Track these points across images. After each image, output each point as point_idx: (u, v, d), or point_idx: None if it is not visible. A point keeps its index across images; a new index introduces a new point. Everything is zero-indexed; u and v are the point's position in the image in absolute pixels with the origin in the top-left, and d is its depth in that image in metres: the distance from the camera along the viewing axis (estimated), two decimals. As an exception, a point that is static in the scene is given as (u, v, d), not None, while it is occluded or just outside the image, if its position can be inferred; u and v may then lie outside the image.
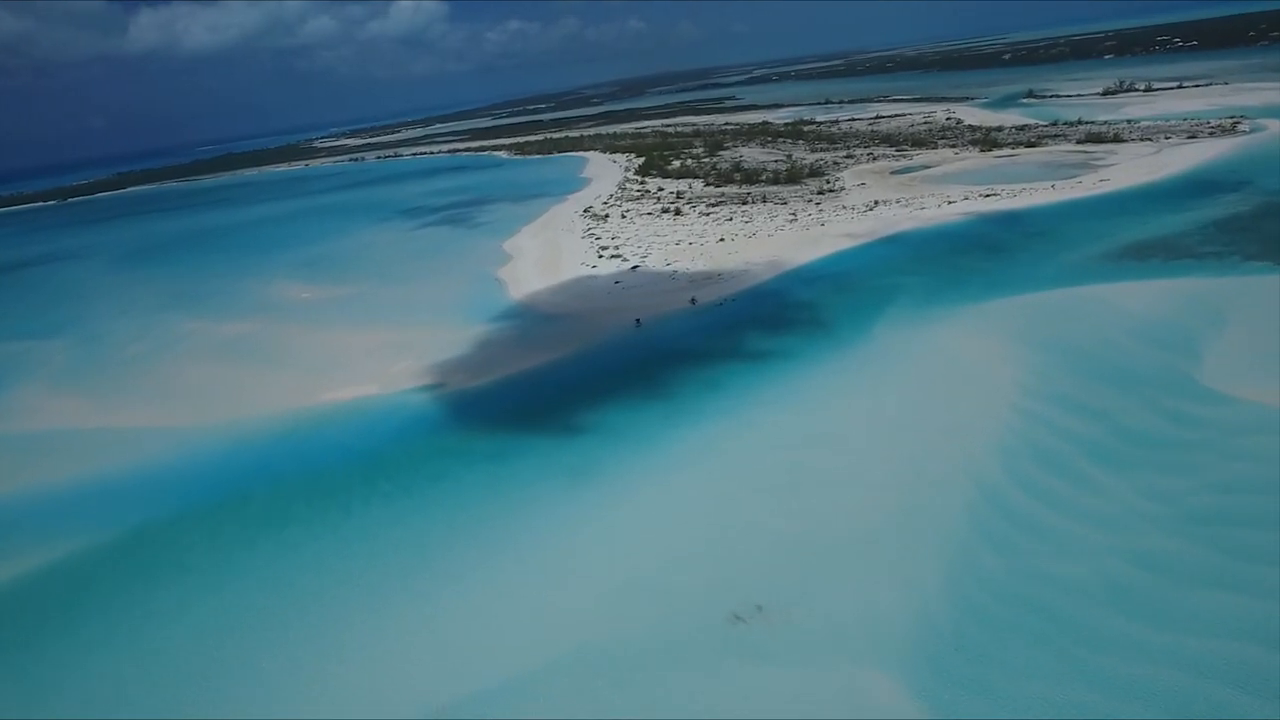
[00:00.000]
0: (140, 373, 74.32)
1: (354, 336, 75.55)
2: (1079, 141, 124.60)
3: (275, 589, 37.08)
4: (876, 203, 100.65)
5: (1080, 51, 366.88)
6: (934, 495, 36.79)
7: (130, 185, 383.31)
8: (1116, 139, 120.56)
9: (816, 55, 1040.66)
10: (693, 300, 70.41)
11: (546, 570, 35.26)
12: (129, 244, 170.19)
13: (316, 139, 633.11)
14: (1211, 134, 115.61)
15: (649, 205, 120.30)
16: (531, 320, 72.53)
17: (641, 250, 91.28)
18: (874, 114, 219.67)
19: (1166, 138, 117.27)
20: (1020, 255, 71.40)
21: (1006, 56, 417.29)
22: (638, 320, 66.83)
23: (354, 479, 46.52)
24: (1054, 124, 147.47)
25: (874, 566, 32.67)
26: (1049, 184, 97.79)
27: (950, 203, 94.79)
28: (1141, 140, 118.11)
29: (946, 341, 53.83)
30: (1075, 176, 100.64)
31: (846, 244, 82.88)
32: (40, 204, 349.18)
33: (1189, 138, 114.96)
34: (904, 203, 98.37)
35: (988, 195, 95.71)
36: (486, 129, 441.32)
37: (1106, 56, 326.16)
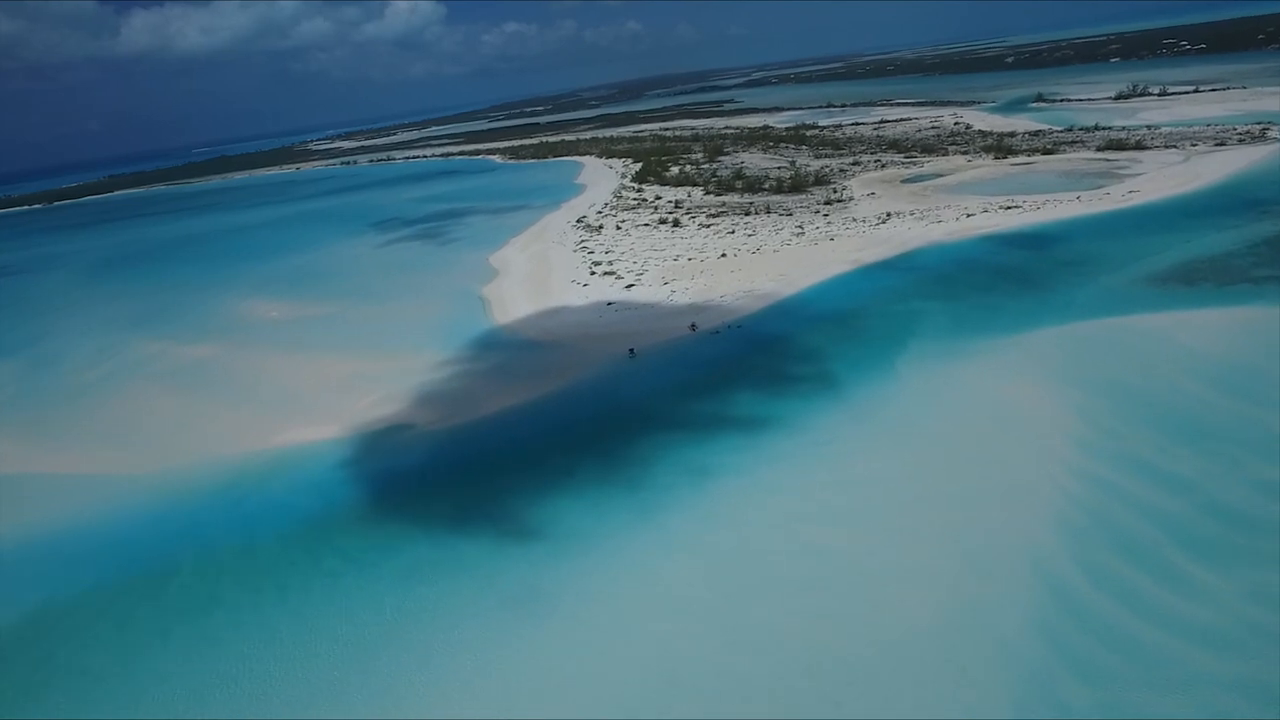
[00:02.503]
0: (85, 405, 67.44)
1: (320, 364, 68.76)
2: (1099, 148, 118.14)
3: (183, 697, 30.33)
4: (889, 215, 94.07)
5: (1085, 55, 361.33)
6: (988, 592, 30.07)
7: (119, 189, 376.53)
8: (1139, 146, 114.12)
9: (814, 58, 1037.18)
10: (692, 326, 63.70)
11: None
12: (105, 252, 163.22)
13: (311, 142, 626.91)
14: (1240, 141, 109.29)
15: (646, 215, 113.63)
16: (515, 348, 65.72)
17: (637, 267, 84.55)
18: (878, 118, 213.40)
19: (1193, 145, 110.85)
20: (1053, 278, 64.70)
21: (1009, 60, 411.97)
22: (631, 350, 60.09)
23: (295, 551, 39.70)
24: (1069, 130, 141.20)
25: (919, 693, 25.96)
26: (1073, 195, 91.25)
27: (969, 215, 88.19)
28: (1166, 147, 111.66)
29: (982, 383, 47.14)
30: (1101, 187, 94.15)
31: (859, 262, 76.16)
32: (26, 207, 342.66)
33: (1217, 145, 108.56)
34: (918, 215, 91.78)
35: (1008, 207, 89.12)
36: (482, 132, 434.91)
37: (1113, 60, 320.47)
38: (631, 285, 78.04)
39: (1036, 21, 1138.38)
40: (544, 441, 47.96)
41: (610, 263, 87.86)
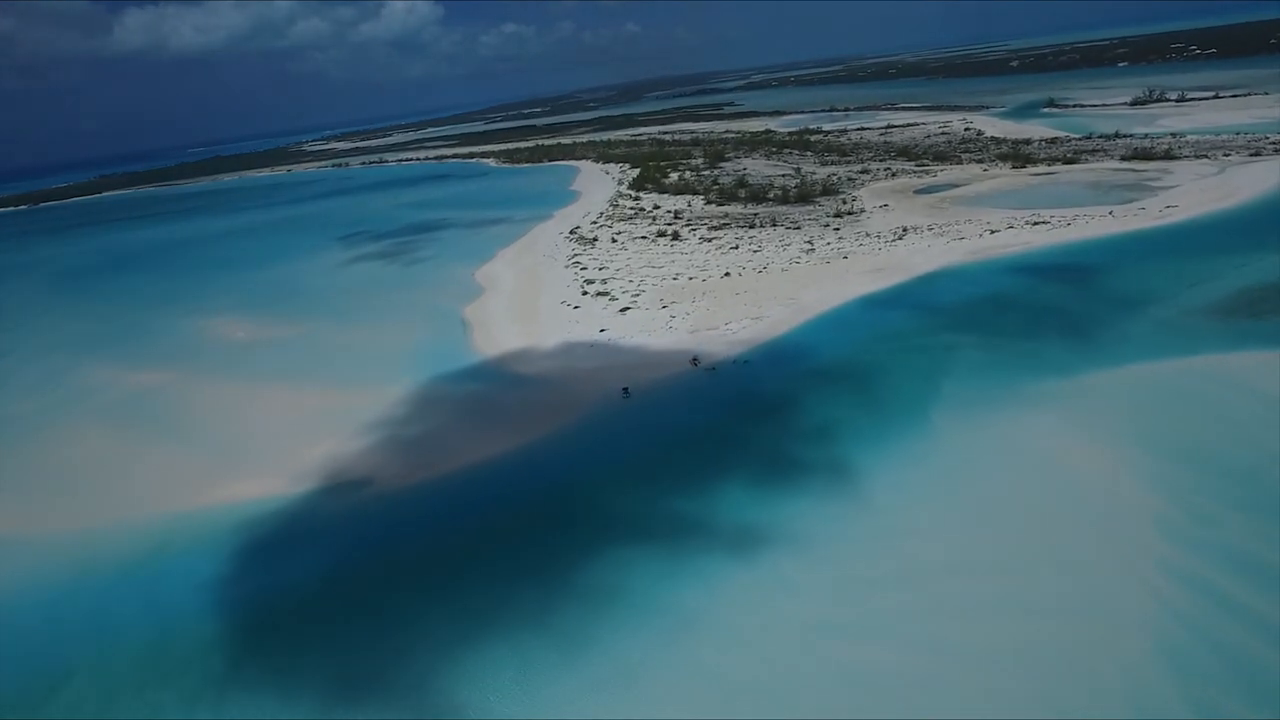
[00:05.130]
0: (13, 444, 60.23)
1: (278, 397, 61.64)
2: (1124, 158, 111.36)
3: None
4: (904, 230, 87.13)
5: (1091, 59, 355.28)
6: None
7: (107, 190, 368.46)
8: (1168, 155, 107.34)
9: (814, 60, 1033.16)
10: (694, 361, 56.61)
11: None
12: (74, 260, 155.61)
13: (307, 142, 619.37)
14: (1277, 150, 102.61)
15: (643, 227, 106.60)
16: (495, 384, 58.54)
17: (633, 287, 77.46)
18: (884, 123, 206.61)
19: (1225, 155, 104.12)
20: (1097, 308, 57.71)
21: (1014, 64, 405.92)
22: (625, 389, 52.97)
23: (213, 654, 32.56)
24: (1088, 137, 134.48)
25: None
26: (1104, 209, 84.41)
27: (993, 231, 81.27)
28: (1197, 157, 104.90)
29: (1035, 447, 40.04)
30: (1134, 200, 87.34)
31: (877, 284, 69.18)
32: (12, 209, 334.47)
33: (1252, 155, 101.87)
34: (937, 230, 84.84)
35: (1036, 223, 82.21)
36: (478, 134, 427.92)
37: (1120, 64, 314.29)
38: (627, 309, 70.94)
39: (1036, 25, 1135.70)
40: (534, 498, 41.23)
41: (604, 281, 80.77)
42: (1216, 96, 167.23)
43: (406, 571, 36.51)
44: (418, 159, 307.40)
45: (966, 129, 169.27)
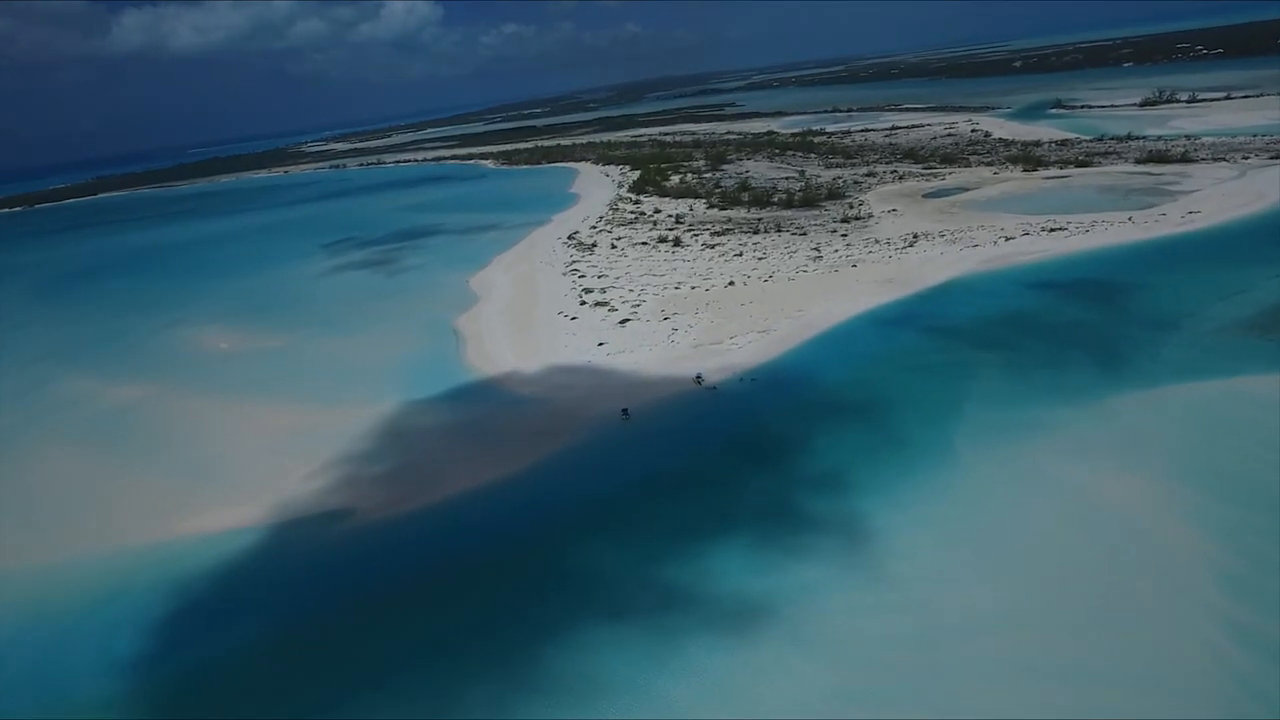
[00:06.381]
0: (-22, 464, 57.03)
1: (259, 415, 58.48)
2: (1139, 160, 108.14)
3: None
4: (915, 236, 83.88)
5: (1095, 59, 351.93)
6: None
7: (103, 192, 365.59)
8: (1185, 158, 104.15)
9: (814, 61, 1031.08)
10: (698, 379, 53.35)
11: None
12: (63, 264, 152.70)
13: (306, 143, 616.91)
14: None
15: (644, 232, 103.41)
16: (486, 404, 55.23)
17: (633, 296, 74.24)
18: (889, 124, 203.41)
19: (1245, 158, 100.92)
20: (1125, 321, 54.52)
21: (1017, 64, 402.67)
22: (625, 411, 49.73)
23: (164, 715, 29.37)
24: (1100, 139, 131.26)
25: None
26: (1123, 215, 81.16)
27: (1008, 239, 78.01)
28: (1215, 160, 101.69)
29: (1068, 475, 36.80)
30: (1153, 206, 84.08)
31: (888, 296, 65.92)
32: (4, 211, 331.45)
33: (1272, 158, 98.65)
34: (949, 237, 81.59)
35: (1052, 230, 78.94)
36: (477, 135, 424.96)
37: (1125, 65, 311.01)
38: (627, 320, 67.72)
39: (1037, 25, 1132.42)
40: (524, 535, 37.88)
41: (603, 290, 77.55)
42: (1228, 97, 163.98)
43: (363, 630, 33.16)
44: (415, 160, 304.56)
45: (973, 130, 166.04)
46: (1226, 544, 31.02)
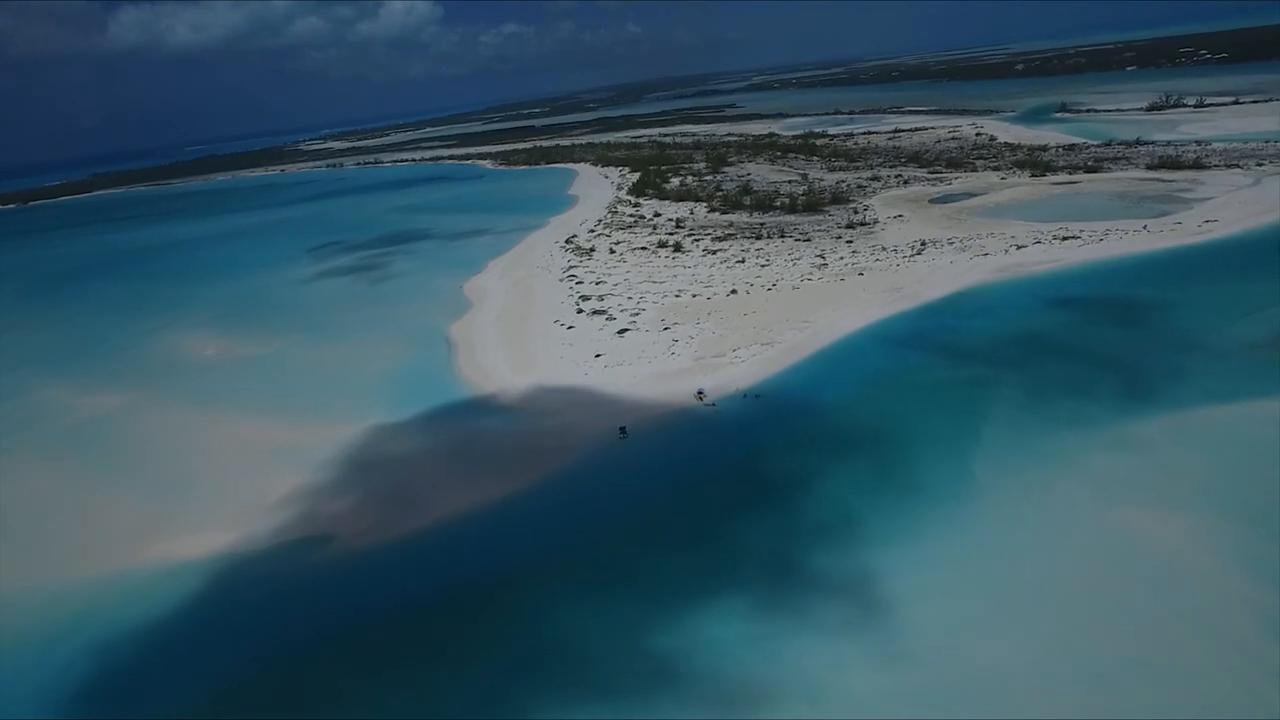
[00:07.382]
0: (-57, 479, 54.35)
1: (239, 428, 55.91)
2: (1150, 166, 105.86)
3: None
4: (923, 243, 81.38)
5: (1098, 63, 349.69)
6: None
7: (99, 189, 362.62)
8: (1197, 164, 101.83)
9: (815, 62, 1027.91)
10: (699, 394, 50.83)
11: None
12: (52, 264, 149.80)
13: (305, 141, 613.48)
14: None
15: (643, 236, 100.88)
16: (477, 420, 52.68)
17: (632, 305, 71.72)
18: (891, 127, 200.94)
19: (1259, 164, 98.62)
20: (1146, 337, 52.11)
21: (1019, 67, 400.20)
22: (622, 429, 47.20)
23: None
24: (1108, 144, 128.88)
25: None
26: (1138, 223, 78.76)
27: (1019, 247, 75.58)
28: (1228, 167, 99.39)
29: (1097, 509, 34.36)
30: (1168, 214, 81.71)
31: (896, 306, 63.45)
32: (1, 207, 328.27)
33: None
34: (958, 245, 79.11)
35: (1065, 237, 76.53)
36: (476, 135, 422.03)
37: (1129, 68, 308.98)
38: (625, 330, 65.19)
39: (1036, 27, 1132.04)
40: (514, 570, 35.21)
41: (601, 297, 75.03)
42: (1236, 102, 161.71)
43: (330, 674, 30.64)
44: (414, 160, 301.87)
45: (978, 134, 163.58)
46: (1269, 584, 28.58)
